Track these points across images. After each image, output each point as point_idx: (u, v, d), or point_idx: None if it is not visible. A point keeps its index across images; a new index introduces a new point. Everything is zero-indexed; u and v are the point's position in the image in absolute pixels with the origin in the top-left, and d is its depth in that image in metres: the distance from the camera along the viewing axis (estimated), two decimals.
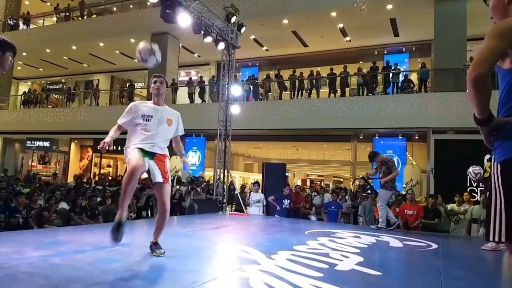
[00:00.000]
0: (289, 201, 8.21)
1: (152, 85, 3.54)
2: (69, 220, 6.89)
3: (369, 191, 6.72)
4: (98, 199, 8.39)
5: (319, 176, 32.62)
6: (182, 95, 15.68)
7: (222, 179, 8.62)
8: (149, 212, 9.35)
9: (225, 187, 8.64)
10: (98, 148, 3.41)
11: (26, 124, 17.79)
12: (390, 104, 11.96)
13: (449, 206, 7.34)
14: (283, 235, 5.18)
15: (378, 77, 13.73)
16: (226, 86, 8.91)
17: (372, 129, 12.60)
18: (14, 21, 18.70)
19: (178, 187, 9.10)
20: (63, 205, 7.42)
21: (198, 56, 18.36)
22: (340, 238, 4.82)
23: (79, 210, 7.20)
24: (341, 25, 14.45)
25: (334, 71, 14.30)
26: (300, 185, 11.01)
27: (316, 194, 11.48)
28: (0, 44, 2.63)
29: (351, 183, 14.33)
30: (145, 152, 3.27)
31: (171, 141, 3.63)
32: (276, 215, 8.02)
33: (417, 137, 12.57)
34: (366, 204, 7.12)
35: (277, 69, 15.18)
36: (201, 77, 16.44)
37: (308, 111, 13.07)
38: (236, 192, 8.89)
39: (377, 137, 12.83)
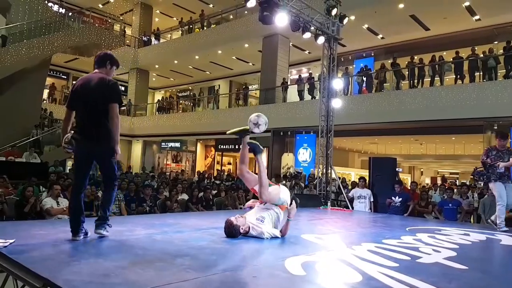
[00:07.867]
0: (401, 199, 7.66)
1: None
2: (187, 209, 7.84)
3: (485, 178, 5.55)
4: (214, 191, 9.31)
5: (452, 174, 29.27)
6: (293, 93, 16.01)
7: (324, 175, 8.55)
8: None
9: (327, 182, 8.55)
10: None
11: (161, 128, 20.50)
12: None
13: None
14: (378, 229, 4.91)
15: None
16: (326, 80, 8.79)
17: (509, 117, 10.82)
18: (147, 37, 21.37)
19: (284, 182, 9.37)
20: (184, 196, 8.48)
21: (309, 52, 18.43)
22: (444, 235, 4.33)
23: (195, 200, 8.14)
24: (467, 3, 12.93)
25: (460, 54, 12.77)
26: (427, 183, 10.20)
27: (435, 191, 10.52)
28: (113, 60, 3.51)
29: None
30: None
31: None
32: (388, 213, 7.60)
33: None
34: (486, 200, 6.17)
35: (394, 58, 14.24)
36: (310, 74, 16.52)
37: (431, 100, 12.01)
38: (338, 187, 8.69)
39: None
